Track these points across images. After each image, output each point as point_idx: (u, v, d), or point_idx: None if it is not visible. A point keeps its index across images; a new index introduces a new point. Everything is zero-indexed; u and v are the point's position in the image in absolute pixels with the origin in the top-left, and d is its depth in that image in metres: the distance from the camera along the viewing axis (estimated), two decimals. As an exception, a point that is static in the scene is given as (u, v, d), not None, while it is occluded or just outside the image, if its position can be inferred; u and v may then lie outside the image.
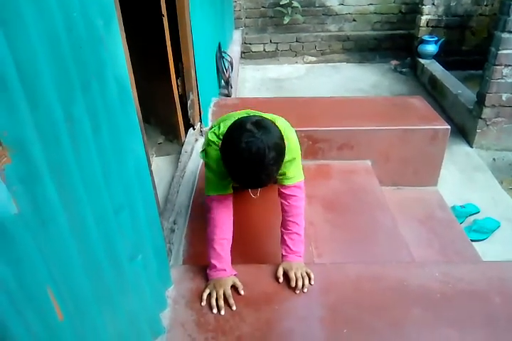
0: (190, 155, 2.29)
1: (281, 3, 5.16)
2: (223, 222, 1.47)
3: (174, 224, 1.77)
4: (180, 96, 2.38)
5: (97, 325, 0.85)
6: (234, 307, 1.37)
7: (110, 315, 0.94)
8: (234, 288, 1.43)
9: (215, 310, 1.36)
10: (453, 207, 2.75)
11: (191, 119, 2.44)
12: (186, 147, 2.30)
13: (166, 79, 2.27)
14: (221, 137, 1.36)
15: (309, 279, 1.45)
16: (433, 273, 1.50)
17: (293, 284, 1.43)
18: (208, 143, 1.45)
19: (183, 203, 1.97)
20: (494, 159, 3.40)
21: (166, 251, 1.45)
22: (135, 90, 1.22)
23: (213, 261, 1.44)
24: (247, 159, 1.20)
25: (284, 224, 1.53)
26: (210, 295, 1.41)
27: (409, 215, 2.53)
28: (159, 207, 1.46)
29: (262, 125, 1.23)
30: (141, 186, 1.16)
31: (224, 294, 1.39)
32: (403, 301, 1.40)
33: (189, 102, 2.39)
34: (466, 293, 1.43)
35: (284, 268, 1.48)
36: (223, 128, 1.42)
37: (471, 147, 3.51)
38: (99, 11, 0.90)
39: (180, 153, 2.30)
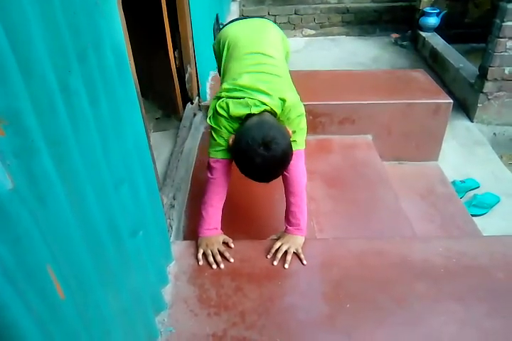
0: (189, 130, 2.24)
1: (279, -27, 4.99)
2: (223, 184, 1.49)
3: (174, 199, 1.75)
4: (177, 69, 2.31)
5: (100, 302, 0.83)
6: (232, 260, 1.44)
7: (113, 291, 0.92)
8: (224, 243, 1.50)
9: (214, 266, 1.42)
10: (453, 182, 2.74)
11: (189, 93, 2.38)
12: (185, 122, 2.25)
13: (164, 52, 2.20)
14: (230, 112, 1.38)
15: (300, 260, 1.45)
16: (436, 248, 1.50)
17: (271, 252, 1.45)
18: (218, 114, 1.42)
19: (183, 178, 1.94)
20: (495, 134, 3.37)
21: (166, 226, 1.43)
22: (132, 60, 1.17)
23: (208, 219, 1.48)
24: (260, 174, 1.33)
25: (285, 195, 1.53)
26: (204, 254, 1.45)
27: (411, 190, 2.51)
28: (159, 182, 1.43)
29: (272, 147, 1.25)
30: (140, 160, 1.13)
31: (218, 250, 1.45)
32: (407, 276, 1.39)
33: (187, 75, 2.32)
34: (470, 267, 1.43)
35: (278, 237, 1.51)
36: (227, 92, 1.43)
37: (472, 121, 3.46)
38: (94, -27, 0.84)
39: (178, 128, 2.25)
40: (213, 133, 1.45)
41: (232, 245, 1.49)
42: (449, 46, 4.34)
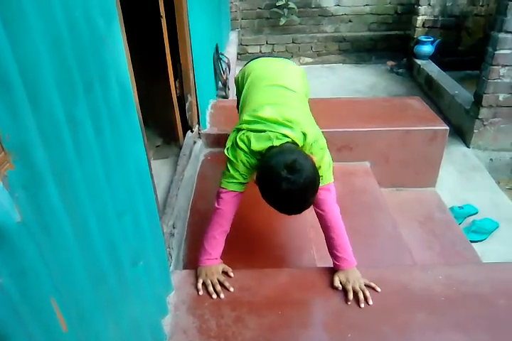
0: (189, 158, 2.26)
1: (277, 5, 5.16)
2: (230, 215, 1.49)
3: (173, 228, 1.75)
4: (178, 98, 2.35)
5: (100, 333, 0.83)
6: (232, 289, 1.42)
7: (113, 322, 0.92)
8: (224, 273, 1.49)
9: (214, 296, 1.40)
10: (451, 208, 2.74)
11: (189, 121, 2.42)
12: (185, 150, 2.27)
13: (164, 81, 2.24)
14: (251, 147, 1.37)
15: (373, 288, 1.43)
16: (436, 276, 1.49)
17: (350, 297, 1.40)
18: (238, 146, 1.41)
19: (182, 207, 1.94)
20: (491, 159, 3.41)
21: (166, 256, 1.43)
22: (136, 92, 1.20)
23: (209, 250, 1.47)
24: (288, 202, 1.27)
25: (324, 231, 1.51)
26: (204, 284, 1.44)
27: (409, 217, 2.52)
28: (160, 211, 1.44)
29: (296, 169, 1.22)
30: (142, 190, 1.14)
31: (218, 279, 1.44)
32: (407, 305, 1.38)
33: (187, 104, 2.36)
34: (470, 295, 1.42)
35: (339, 279, 1.46)
36: (247, 124, 1.42)
37: (468, 147, 3.50)
38: (101, 10, 0.88)
39: (178, 155, 2.27)
40: (229, 165, 1.44)
41: (232, 274, 1.48)
42: (443, 73, 4.44)
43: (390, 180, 2.63)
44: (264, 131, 1.38)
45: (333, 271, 1.51)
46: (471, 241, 2.48)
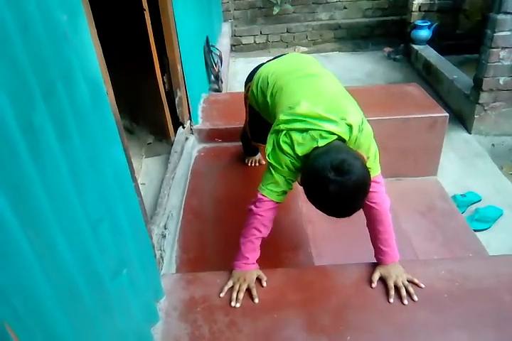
0: (181, 154, 2.20)
1: (269, -7, 5.05)
2: (269, 223, 1.41)
3: (165, 229, 1.69)
4: (167, 93, 2.28)
5: (75, 353, 0.77)
6: (256, 300, 1.35)
7: (91, 339, 0.86)
8: (257, 280, 1.42)
9: (233, 303, 1.34)
10: (454, 197, 2.68)
11: (180, 117, 2.35)
12: (176, 146, 2.21)
13: (153, 77, 2.18)
14: (296, 150, 1.28)
15: (416, 284, 1.37)
16: (438, 272, 1.43)
17: (392, 294, 1.35)
18: (281, 151, 1.31)
19: (175, 206, 1.89)
20: (493, 145, 3.33)
21: (155, 260, 1.37)
22: (111, 91, 1.13)
23: (247, 254, 1.41)
24: (338, 206, 1.19)
25: (370, 224, 1.44)
26: (231, 287, 1.39)
27: (411, 207, 2.46)
28: (146, 214, 1.38)
29: (345, 170, 1.12)
30: (122, 194, 1.08)
31: (249, 286, 1.38)
32: (409, 303, 1.33)
33: (177, 99, 2.30)
34: (475, 291, 1.36)
35: (381, 274, 1.41)
36: (290, 125, 1.30)
37: (470, 133, 3.43)
38: (61, 4, 0.80)
39: (170, 153, 2.21)
40: (273, 171, 1.34)
41: (265, 284, 1.40)
42: (442, 58, 4.34)
43: (389, 169, 2.53)
44: (307, 131, 1.27)
45: (332, 268, 1.45)
46: (475, 230, 2.41)
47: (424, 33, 4.74)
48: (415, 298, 1.33)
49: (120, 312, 1.02)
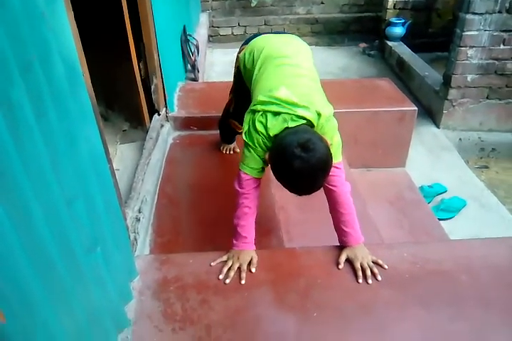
0: (156, 141, 2.22)
1: (247, -15, 5.05)
2: (256, 199, 1.49)
3: (139, 212, 1.72)
4: (143, 80, 2.29)
5: (50, 324, 0.80)
6: (243, 282, 1.40)
7: (66, 312, 0.89)
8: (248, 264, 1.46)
9: (221, 276, 1.41)
10: (421, 187, 2.79)
11: (156, 104, 2.36)
12: (151, 133, 2.22)
13: (129, 63, 2.18)
14: (268, 130, 1.36)
15: (380, 266, 1.44)
16: (401, 254, 1.51)
17: (359, 275, 1.41)
18: (255, 130, 1.39)
19: (149, 191, 1.91)
20: (460, 139, 3.46)
21: (129, 241, 1.40)
22: (87, 72, 1.15)
23: (244, 234, 1.46)
24: (300, 181, 1.26)
25: (332, 207, 1.51)
26: (225, 262, 1.45)
27: (380, 197, 2.54)
28: (120, 196, 1.40)
29: (310, 147, 1.22)
30: (97, 174, 1.10)
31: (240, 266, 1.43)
32: (372, 283, 1.40)
33: (153, 87, 2.31)
34: (434, 272, 1.44)
35: (348, 255, 1.47)
36: (263, 106, 1.38)
37: (438, 128, 3.55)
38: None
39: (145, 139, 2.22)
40: (247, 149, 1.43)
41: (254, 270, 1.44)
42: (414, 55, 4.46)
43: (360, 160, 2.64)
44: (280, 114, 1.36)
45: (301, 250, 1.51)
46: (440, 219, 2.52)
47: (398, 30, 4.84)
48: (379, 277, 1.41)
49: (94, 289, 1.04)
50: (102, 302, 1.09)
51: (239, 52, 1.87)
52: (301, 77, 1.54)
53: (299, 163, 1.21)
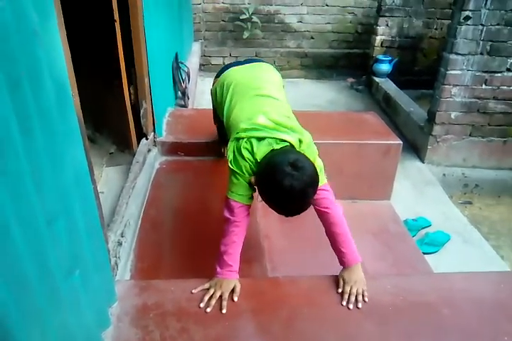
0: (143, 165, 2.21)
1: (241, 18, 5.21)
2: (245, 227, 1.48)
3: (122, 236, 1.68)
4: (133, 105, 2.30)
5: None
6: (224, 311, 1.36)
7: (40, 336, 0.85)
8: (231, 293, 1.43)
9: (202, 304, 1.37)
10: (405, 221, 2.79)
11: (144, 129, 2.37)
12: (138, 157, 2.22)
13: (119, 87, 2.20)
14: (255, 155, 1.39)
15: (362, 296, 1.43)
16: (384, 286, 1.50)
17: (345, 298, 1.41)
18: (241, 157, 1.42)
19: (133, 215, 1.88)
20: (444, 174, 3.51)
21: (109, 265, 1.37)
22: (76, 93, 1.15)
23: (230, 262, 1.44)
24: (290, 199, 1.28)
25: (328, 229, 1.51)
26: (207, 290, 1.42)
27: (364, 228, 2.54)
28: (103, 218, 1.38)
29: (299, 166, 1.26)
30: (80, 195, 1.09)
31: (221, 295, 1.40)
32: (356, 315, 1.37)
33: (142, 111, 2.32)
34: (417, 305, 1.43)
35: (343, 278, 1.47)
36: (254, 143, 1.41)
37: (423, 162, 3.60)
38: (34, 4, 0.84)
39: (131, 163, 2.21)
40: (234, 177, 1.44)
41: (236, 299, 1.41)
42: (400, 91, 4.59)
43: (345, 192, 2.64)
44: (264, 138, 1.41)
45: (285, 279, 1.49)
46: (424, 253, 2.52)
47: (385, 67, 5.00)
48: (359, 305, 1.40)
49: (71, 313, 1.01)
50: (78, 328, 1.05)
51: (212, 85, 1.92)
52: (275, 106, 1.60)
53: (290, 180, 1.23)
